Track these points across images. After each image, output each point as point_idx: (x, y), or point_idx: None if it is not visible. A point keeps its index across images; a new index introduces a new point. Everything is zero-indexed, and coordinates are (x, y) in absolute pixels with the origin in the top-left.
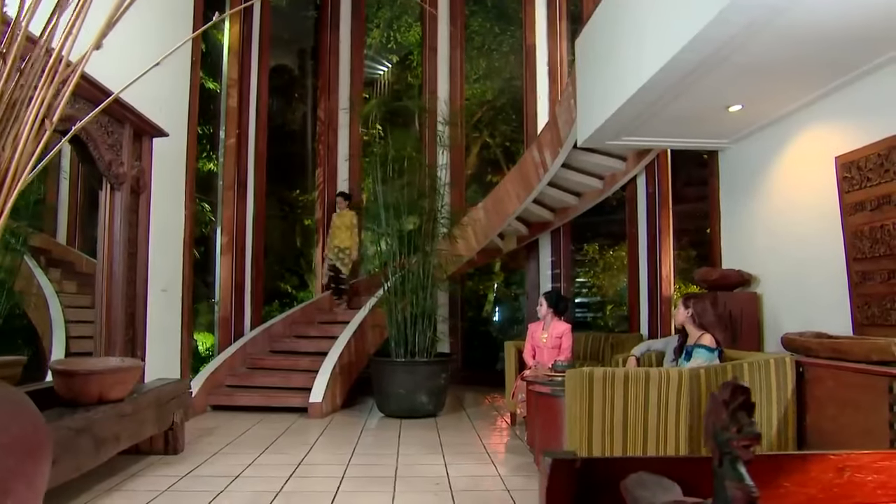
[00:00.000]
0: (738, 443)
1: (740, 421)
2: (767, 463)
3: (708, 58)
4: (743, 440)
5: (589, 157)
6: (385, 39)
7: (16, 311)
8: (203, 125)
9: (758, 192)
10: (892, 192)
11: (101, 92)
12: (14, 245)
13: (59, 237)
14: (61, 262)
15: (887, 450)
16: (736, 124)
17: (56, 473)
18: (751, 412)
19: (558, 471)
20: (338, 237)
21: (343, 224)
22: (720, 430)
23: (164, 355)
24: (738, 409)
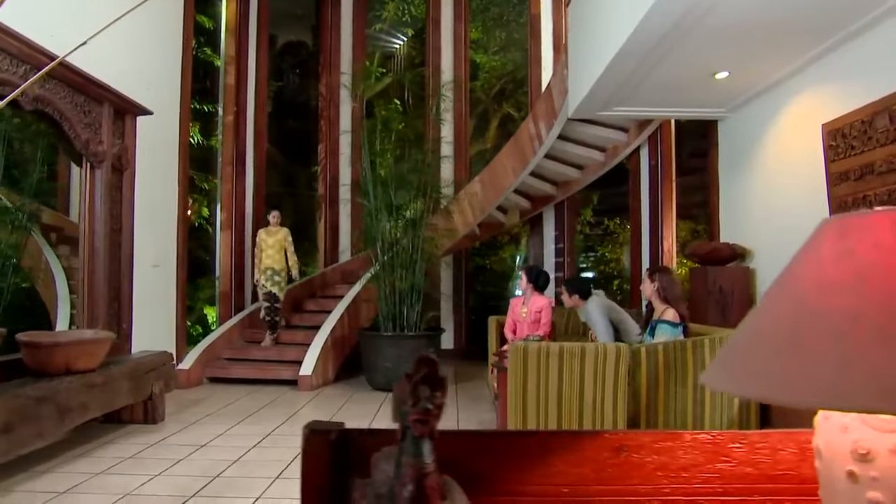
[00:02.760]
0: (411, 417)
1: (419, 394)
2: (537, 440)
3: (680, 20)
4: (415, 414)
5: (588, 128)
6: (400, 13)
7: (25, 287)
8: (210, 102)
9: (754, 162)
10: (875, 161)
11: (71, 72)
12: (21, 222)
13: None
14: (72, 239)
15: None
16: (728, 92)
17: (16, 440)
18: (436, 386)
19: (313, 442)
20: (270, 258)
21: (277, 242)
22: (402, 403)
23: (157, 328)
24: (420, 383)
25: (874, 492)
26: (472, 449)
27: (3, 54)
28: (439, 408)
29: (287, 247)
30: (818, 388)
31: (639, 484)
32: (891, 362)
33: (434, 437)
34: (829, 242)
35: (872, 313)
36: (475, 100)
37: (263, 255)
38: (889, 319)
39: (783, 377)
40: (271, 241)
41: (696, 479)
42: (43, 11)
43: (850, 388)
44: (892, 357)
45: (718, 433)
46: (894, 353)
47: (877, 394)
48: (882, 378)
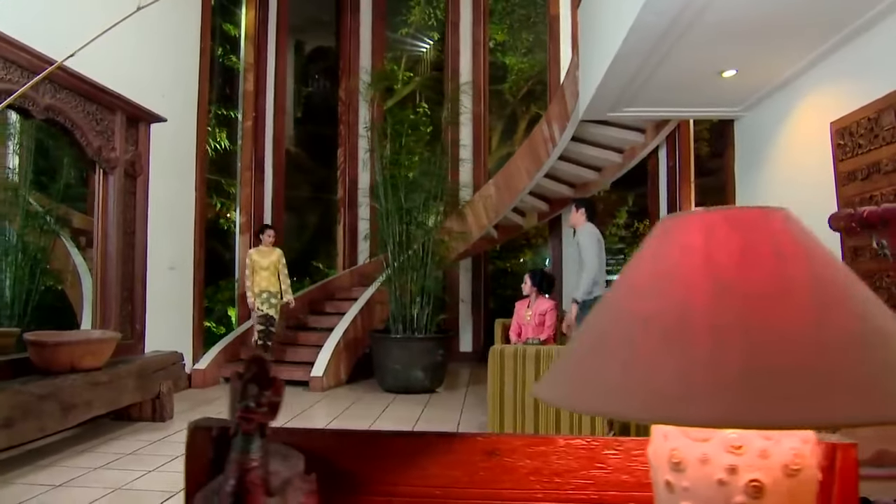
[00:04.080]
0: (237, 414)
1: (248, 393)
2: (410, 442)
3: (675, 18)
4: (239, 412)
5: (603, 129)
6: (426, 16)
7: (54, 288)
8: (235, 108)
9: (769, 163)
10: (881, 160)
11: (82, 81)
12: (49, 226)
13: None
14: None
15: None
16: (741, 91)
17: (17, 433)
18: (266, 385)
19: (196, 438)
20: (265, 280)
21: (272, 264)
22: (234, 401)
23: (173, 329)
24: (250, 382)
25: (686, 502)
26: (347, 449)
27: (14, 66)
28: (272, 406)
29: (281, 269)
30: (602, 394)
31: (511, 488)
32: (661, 369)
33: (265, 433)
34: (654, 242)
35: (662, 316)
36: (503, 102)
37: (257, 276)
38: (675, 322)
39: (580, 384)
40: (266, 263)
41: (570, 484)
42: (58, 25)
43: (624, 395)
44: (664, 363)
45: (593, 439)
46: (670, 359)
47: (645, 401)
48: (651, 384)
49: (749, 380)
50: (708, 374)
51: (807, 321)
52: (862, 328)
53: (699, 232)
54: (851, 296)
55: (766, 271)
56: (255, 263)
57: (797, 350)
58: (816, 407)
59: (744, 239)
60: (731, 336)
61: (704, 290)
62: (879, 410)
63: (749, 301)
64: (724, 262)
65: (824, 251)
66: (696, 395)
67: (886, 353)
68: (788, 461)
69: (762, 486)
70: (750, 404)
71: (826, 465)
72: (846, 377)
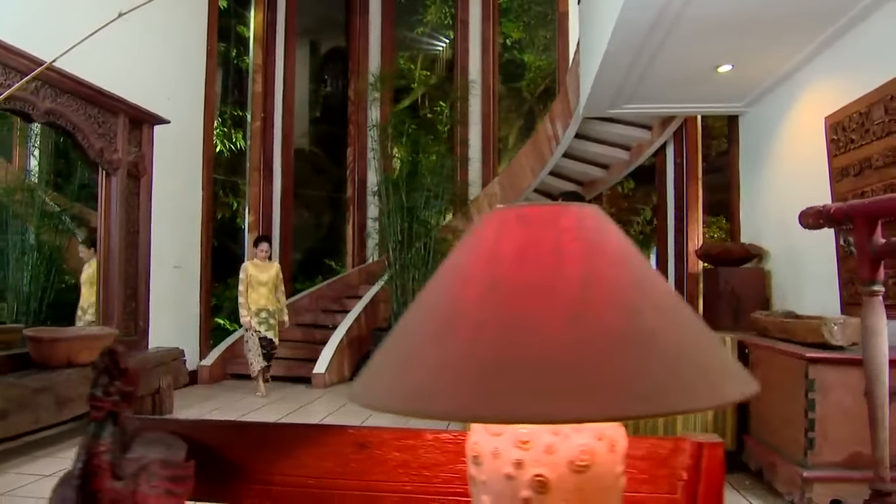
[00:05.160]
0: (88, 402)
1: (99, 382)
2: (285, 432)
3: (661, 13)
4: (88, 400)
5: (608, 127)
6: (442, 15)
7: (69, 285)
8: (246, 109)
9: (771, 159)
10: (873, 155)
11: (83, 86)
12: (65, 225)
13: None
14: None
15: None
16: (739, 86)
17: (11, 425)
18: (117, 375)
19: None
20: (263, 297)
21: (270, 279)
22: (90, 390)
23: (178, 326)
24: (102, 372)
25: (485, 496)
26: (229, 439)
27: (15, 72)
28: (124, 395)
29: (278, 285)
30: (382, 389)
31: (380, 480)
32: (425, 363)
33: (118, 422)
34: (465, 237)
35: (440, 310)
36: (522, 99)
37: (254, 293)
38: (447, 317)
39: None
40: (264, 279)
41: (438, 478)
42: (57, 31)
43: (394, 388)
44: (428, 357)
45: (459, 433)
46: (434, 352)
47: (406, 394)
48: (414, 377)
49: (493, 374)
50: (457, 368)
51: (565, 317)
52: (628, 327)
53: (492, 227)
54: (629, 294)
55: (539, 267)
56: (252, 278)
57: (548, 345)
58: (551, 402)
59: (528, 236)
60: (489, 330)
61: (478, 285)
62: (616, 409)
63: (514, 296)
64: (504, 258)
65: (619, 250)
66: (443, 389)
67: (647, 353)
68: (575, 457)
69: (546, 481)
70: (488, 398)
71: (692, 464)
72: (591, 374)
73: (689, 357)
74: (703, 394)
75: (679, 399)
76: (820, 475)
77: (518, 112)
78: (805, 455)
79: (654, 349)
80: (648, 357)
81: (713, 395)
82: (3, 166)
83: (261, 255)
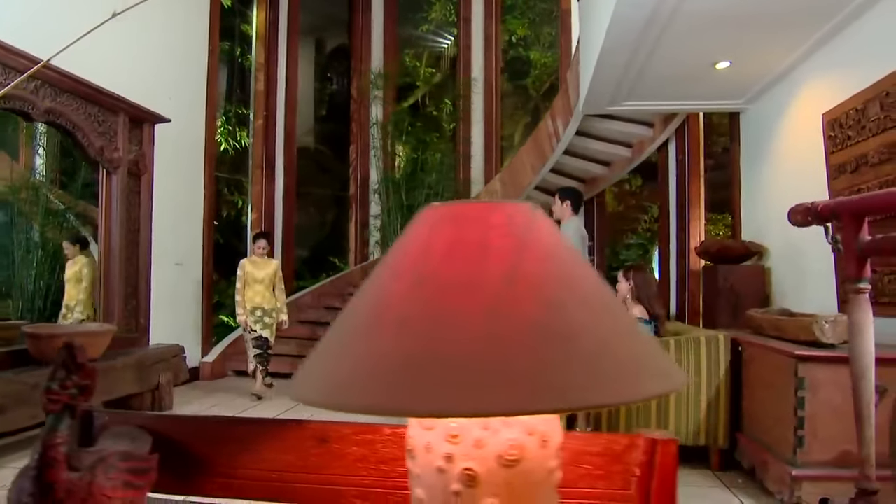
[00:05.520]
0: (44, 395)
1: (56, 376)
2: (248, 427)
3: (655, 9)
4: (45, 393)
5: (610, 124)
6: (447, 13)
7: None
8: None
9: (771, 156)
10: (869, 151)
11: (83, 85)
12: (70, 223)
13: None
14: None
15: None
16: (739, 83)
17: (9, 420)
18: (73, 370)
19: None
20: (259, 294)
21: (267, 277)
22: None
23: (181, 323)
24: (60, 366)
25: (419, 489)
26: (191, 433)
27: (14, 72)
28: (81, 389)
29: (277, 283)
30: (314, 385)
31: (340, 474)
32: (349, 358)
33: (76, 415)
34: (407, 232)
35: (370, 306)
36: (528, 97)
37: (250, 290)
38: (375, 312)
39: (308, 375)
40: (260, 276)
41: (396, 472)
42: (57, 31)
43: (323, 383)
44: (353, 352)
45: None
46: (359, 347)
47: (330, 389)
48: (340, 372)
49: (411, 368)
50: (378, 362)
51: (485, 312)
52: (549, 321)
53: (427, 225)
54: (553, 289)
55: (465, 264)
56: (249, 275)
57: (466, 340)
58: (462, 396)
59: (459, 232)
60: (412, 325)
61: (406, 280)
62: (527, 403)
63: (438, 292)
64: (433, 254)
65: (548, 246)
66: (363, 383)
67: (566, 348)
68: (503, 452)
69: (475, 474)
70: (403, 391)
71: (645, 461)
72: (506, 368)
73: (612, 352)
74: (621, 389)
75: (593, 394)
76: (809, 473)
77: (524, 109)
78: (794, 453)
79: (574, 344)
80: (567, 352)
81: (631, 390)
82: (9, 165)
83: (258, 252)
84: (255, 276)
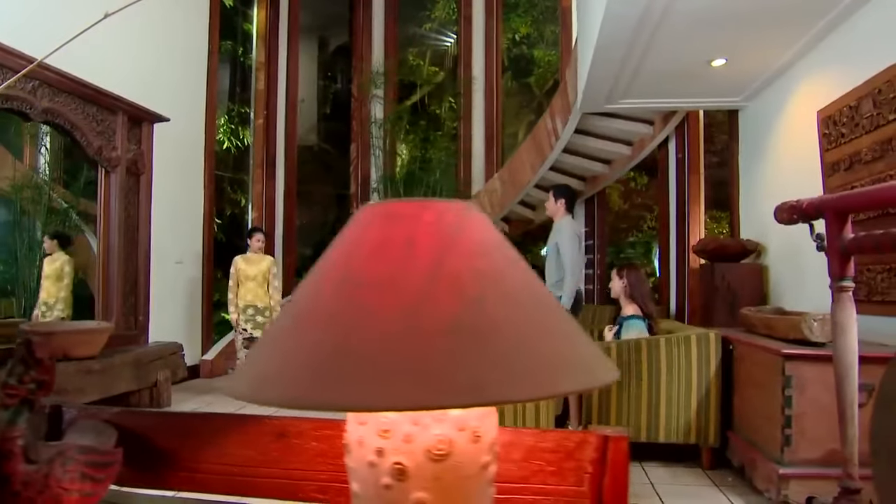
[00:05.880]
0: (1, 389)
1: (14, 371)
2: (211, 421)
3: (648, 6)
4: (3, 388)
5: (609, 122)
6: (450, 11)
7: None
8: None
9: (769, 154)
10: (862, 149)
11: (81, 85)
12: (73, 221)
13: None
14: None
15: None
16: (736, 80)
17: None
18: (31, 365)
19: None
20: (251, 292)
21: (260, 273)
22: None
23: (181, 321)
24: (18, 361)
25: (354, 483)
26: (156, 428)
27: (12, 72)
28: (39, 384)
29: (271, 280)
30: (246, 380)
31: (299, 468)
32: (274, 355)
33: (34, 408)
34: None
35: (299, 303)
36: (532, 95)
37: (242, 288)
38: (301, 310)
39: (244, 372)
40: (252, 272)
41: None
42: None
43: (249, 379)
44: (279, 349)
45: None
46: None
47: (251, 384)
48: (266, 369)
49: (328, 363)
50: (299, 358)
51: (404, 308)
52: (466, 317)
53: (361, 223)
54: (475, 285)
55: (390, 262)
56: (241, 272)
57: (383, 336)
58: (371, 390)
59: (388, 231)
60: (335, 322)
61: (335, 277)
62: (434, 398)
63: (361, 289)
64: (361, 252)
65: (477, 243)
66: (282, 377)
67: (480, 343)
68: (432, 446)
69: (405, 468)
70: (318, 386)
71: (597, 457)
72: (417, 364)
73: (530, 348)
74: (536, 384)
75: (503, 389)
76: (796, 472)
77: (528, 108)
78: (781, 452)
79: (491, 339)
80: (482, 347)
81: (547, 386)
82: (12, 164)
83: (256, 245)
84: (246, 272)
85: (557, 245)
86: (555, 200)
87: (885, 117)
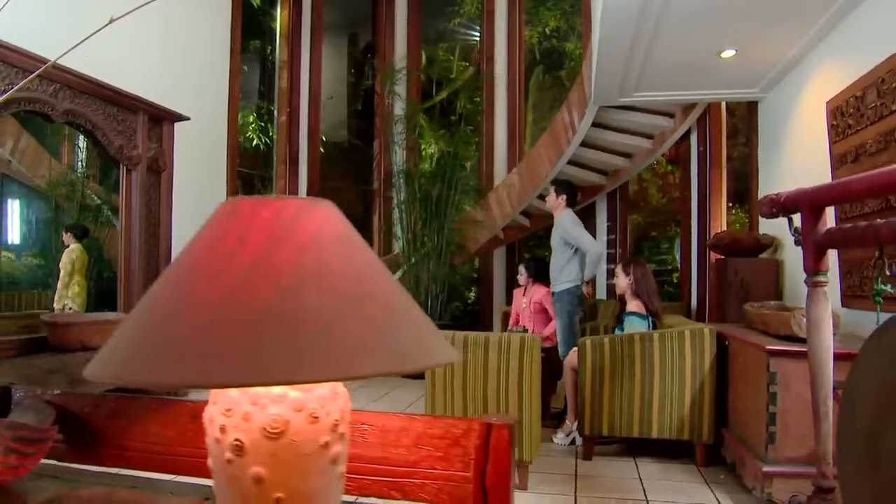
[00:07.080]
0: None
1: None
2: (137, 404)
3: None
4: None
5: (628, 115)
6: (479, 6)
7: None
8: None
9: (786, 146)
10: (867, 141)
11: (102, 87)
12: (105, 217)
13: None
14: None
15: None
16: (751, 71)
17: None
18: None
19: None
20: None
21: None
22: None
23: None
24: None
25: (210, 458)
26: (90, 409)
27: (24, 73)
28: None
29: None
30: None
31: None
32: (120, 338)
33: None
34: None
35: (152, 290)
36: (563, 88)
37: None
38: (152, 296)
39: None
40: None
41: None
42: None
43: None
44: (123, 331)
45: None
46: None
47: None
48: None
49: (149, 346)
50: (132, 340)
51: (221, 296)
52: (277, 304)
53: (212, 218)
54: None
55: (221, 254)
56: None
57: (198, 321)
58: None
59: (228, 225)
60: (166, 308)
61: (176, 268)
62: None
63: (190, 279)
64: (202, 245)
65: (310, 238)
66: (108, 360)
67: (289, 328)
68: (267, 424)
69: (243, 444)
70: (138, 366)
71: (480, 444)
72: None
73: (335, 334)
74: (324, 367)
75: (290, 370)
76: (780, 470)
77: (560, 101)
78: (766, 449)
79: (296, 325)
80: (283, 332)
81: (339, 368)
82: (48, 163)
83: None
84: None
85: (563, 237)
86: (556, 195)
87: (889, 107)
